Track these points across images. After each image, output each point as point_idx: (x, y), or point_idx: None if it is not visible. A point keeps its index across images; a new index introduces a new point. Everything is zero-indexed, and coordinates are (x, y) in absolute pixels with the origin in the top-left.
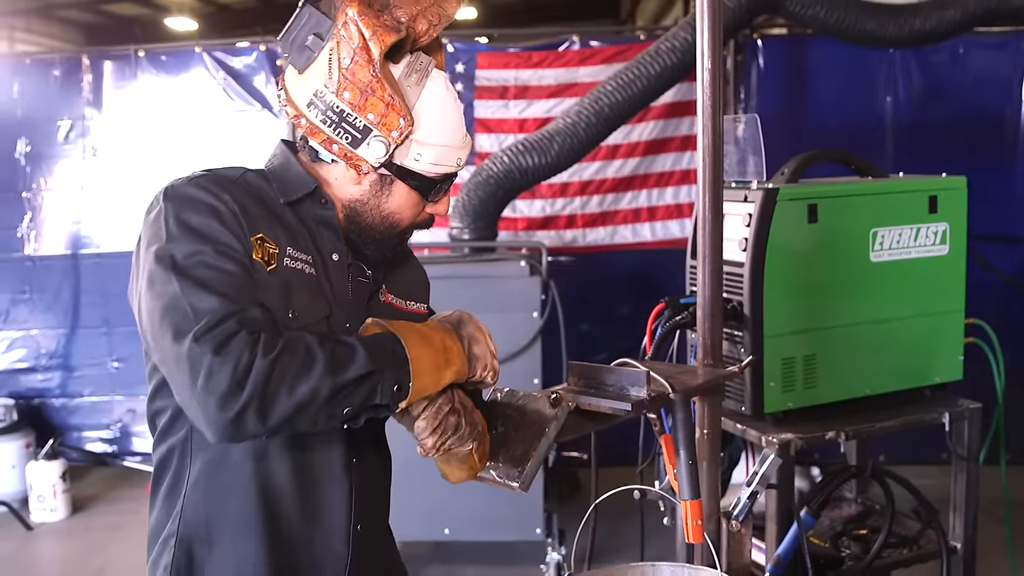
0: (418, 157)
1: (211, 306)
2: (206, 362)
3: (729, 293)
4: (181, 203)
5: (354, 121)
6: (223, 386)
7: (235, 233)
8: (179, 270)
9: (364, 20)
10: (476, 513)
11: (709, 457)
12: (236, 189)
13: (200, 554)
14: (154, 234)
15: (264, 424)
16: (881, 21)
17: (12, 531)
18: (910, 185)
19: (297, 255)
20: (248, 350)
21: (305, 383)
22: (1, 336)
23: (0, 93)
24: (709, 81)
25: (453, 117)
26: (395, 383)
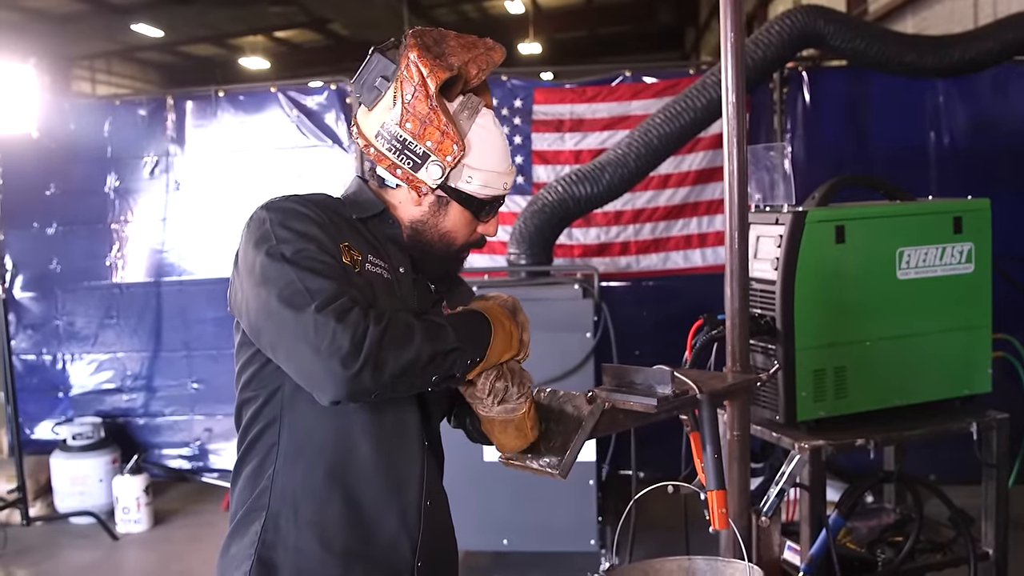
0: (469, 180)
1: (325, 286)
2: (330, 329)
3: (763, 309)
4: (283, 213)
5: (415, 148)
6: (346, 348)
7: (331, 238)
8: (291, 262)
9: (423, 61)
10: (533, 525)
11: (740, 457)
12: (322, 206)
13: (286, 523)
14: (261, 238)
15: (377, 381)
16: (920, 53)
17: (99, 541)
18: (935, 207)
19: (376, 261)
20: (363, 320)
21: (409, 349)
22: (90, 358)
23: (92, 132)
24: (733, 113)
25: (500, 147)
26: (470, 359)
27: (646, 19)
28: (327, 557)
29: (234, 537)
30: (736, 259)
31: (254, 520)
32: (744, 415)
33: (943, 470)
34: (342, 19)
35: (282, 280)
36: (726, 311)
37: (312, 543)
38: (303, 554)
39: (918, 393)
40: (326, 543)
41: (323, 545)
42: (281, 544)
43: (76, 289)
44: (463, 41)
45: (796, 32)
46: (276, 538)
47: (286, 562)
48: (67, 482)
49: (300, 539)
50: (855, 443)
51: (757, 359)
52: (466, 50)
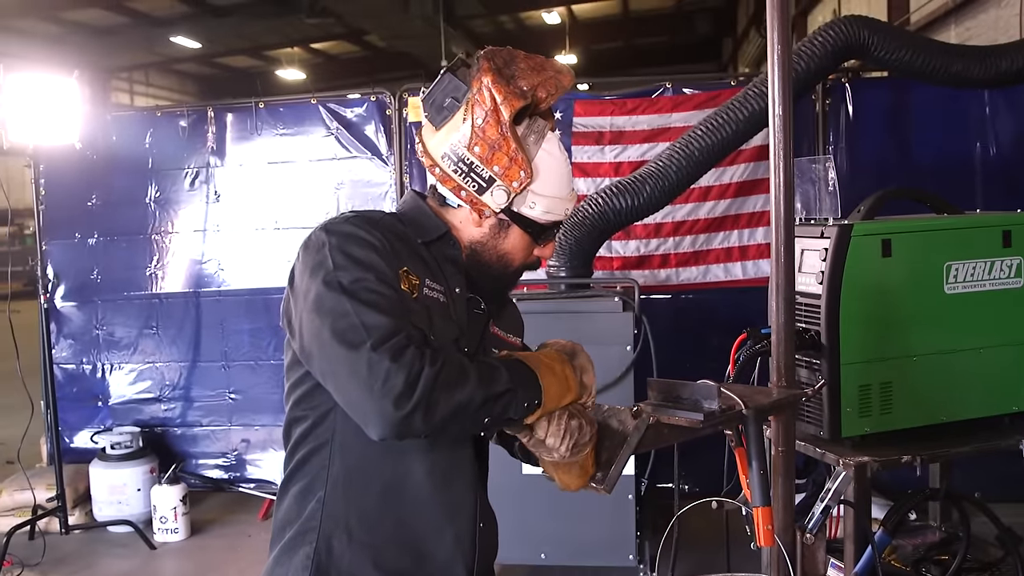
0: (532, 205)
1: (381, 322)
2: (384, 368)
3: (807, 323)
4: (343, 237)
5: (481, 172)
6: (399, 388)
7: (390, 264)
8: (348, 292)
9: (497, 87)
10: (572, 538)
11: (784, 472)
12: (383, 228)
13: (340, 545)
14: (319, 263)
15: (428, 423)
16: (967, 63)
17: (137, 549)
18: (983, 220)
19: (434, 286)
20: (418, 360)
21: (462, 391)
22: (129, 368)
23: (134, 144)
24: (780, 126)
25: (564, 172)
26: (526, 401)
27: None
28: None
29: (283, 557)
30: (781, 273)
31: (306, 542)
32: (789, 431)
33: (990, 488)
34: (379, 31)
35: (338, 311)
36: (771, 325)
37: (366, 566)
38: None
39: (965, 409)
40: (380, 566)
41: (377, 567)
42: (335, 567)
43: (116, 299)
44: (532, 63)
45: (840, 43)
46: (329, 561)
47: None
48: (105, 491)
49: (354, 562)
50: (901, 460)
51: (801, 374)
52: (535, 73)
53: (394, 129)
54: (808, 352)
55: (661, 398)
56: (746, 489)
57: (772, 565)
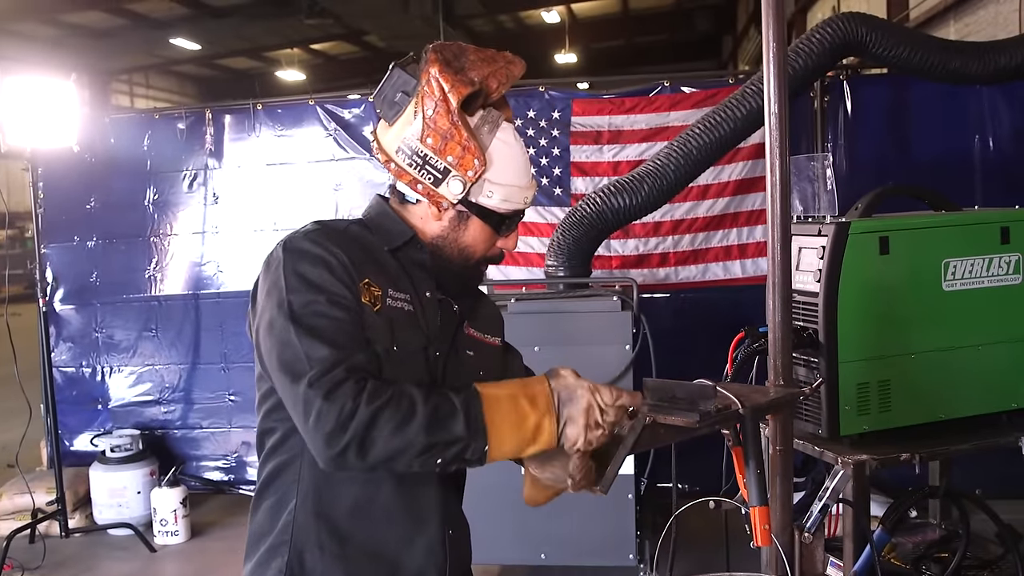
0: (490, 195)
1: (323, 354)
2: (316, 405)
3: (805, 321)
4: (298, 256)
5: (435, 163)
6: (328, 427)
7: (344, 282)
8: (296, 319)
9: (444, 76)
10: (571, 538)
11: (782, 471)
12: (344, 240)
13: (312, 559)
14: (273, 283)
15: (363, 462)
16: (965, 59)
17: (137, 552)
18: (982, 217)
19: (397, 295)
20: (352, 398)
21: (401, 436)
22: (128, 371)
23: (132, 146)
24: (776, 124)
25: (520, 161)
26: (485, 449)
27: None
28: None
29: (256, 570)
30: (779, 271)
31: (278, 555)
32: (787, 430)
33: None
34: (378, 31)
35: (284, 339)
36: (768, 324)
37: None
38: None
39: (964, 407)
40: None
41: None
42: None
43: (115, 302)
44: (483, 55)
45: (838, 40)
46: (302, 574)
47: None
48: (105, 494)
49: (327, 574)
50: (900, 458)
51: (799, 372)
52: (486, 64)
53: None
54: (806, 350)
55: (657, 398)
56: (743, 489)
57: (770, 564)
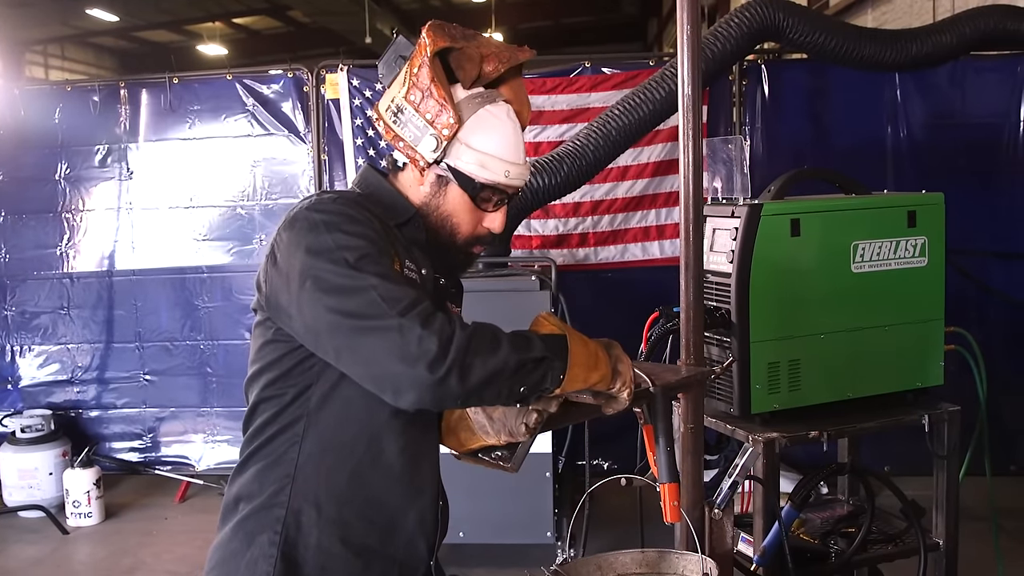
0: (467, 159)
1: (401, 292)
2: (416, 334)
3: (718, 301)
4: (337, 216)
5: (414, 119)
6: (433, 352)
7: (384, 242)
8: (358, 267)
9: (430, 33)
10: (490, 517)
11: (693, 450)
12: (366, 209)
13: (308, 521)
14: (316, 242)
15: (464, 387)
16: (879, 46)
17: (49, 535)
18: (889, 201)
19: (410, 265)
20: (448, 324)
21: (495, 357)
22: (40, 350)
23: (42, 119)
24: (689, 106)
25: (508, 136)
26: (561, 371)
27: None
28: (348, 555)
29: (242, 531)
30: (691, 252)
31: (272, 516)
32: (698, 408)
33: (898, 462)
34: (302, 6)
35: (352, 287)
36: (681, 304)
37: (334, 541)
38: (325, 552)
39: (872, 386)
40: (348, 541)
41: (344, 543)
42: (303, 542)
43: (26, 279)
44: (492, 42)
45: (755, 25)
46: (298, 536)
47: (308, 559)
48: (15, 475)
49: (322, 537)
50: (808, 435)
51: (712, 351)
52: (487, 46)
53: (312, 106)
54: (719, 330)
55: None
56: (653, 466)
57: (681, 540)
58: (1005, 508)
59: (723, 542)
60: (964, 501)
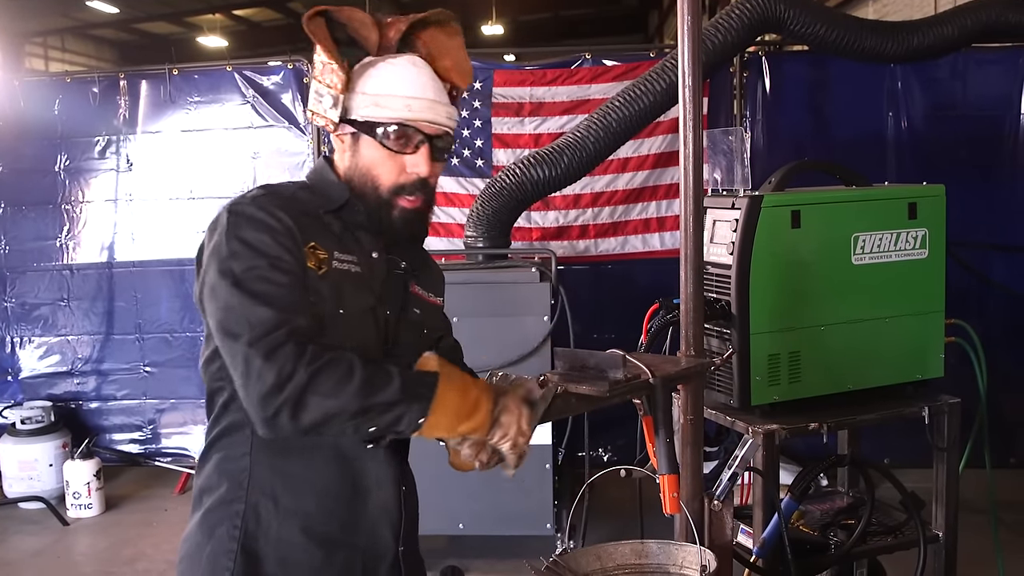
0: (365, 106)
1: (264, 316)
2: (256, 365)
3: (718, 293)
4: (242, 221)
5: (320, 89)
6: (265, 387)
7: (287, 247)
8: (238, 283)
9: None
10: (490, 508)
11: (693, 441)
12: (290, 204)
13: (267, 513)
14: (216, 247)
15: (296, 424)
16: (880, 38)
17: (49, 526)
18: (890, 193)
19: (343, 257)
20: (292, 360)
21: (335, 398)
22: (40, 342)
23: (42, 110)
24: (690, 97)
25: (403, 75)
26: (420, 416)
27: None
28: (310, 545)
29: (206, 523)
30: (691, 243)
31: (231, 510)
32: (697, 399)
33: (898, 454)
34: None
35: (226, 302)
36: (681, 296)
37: (294, 532)
38: (286, 543)
39: (872, 378)
40: (308, 531)
41: (305, 533)
42: (263, 534)
43: (25, 271)
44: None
45: (756, 17)
46: (258, 528)
47: (269, 551)
48: (16, 467)
49: (282, 529)
50: (808, 427)
51: (712, 343)
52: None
53: None
54: (719, 322)
55: (568, 368)
56: (653, 458)
57: (680, 532)
58: (1005, 500)
59: (722, 533)
60: (964, 493)
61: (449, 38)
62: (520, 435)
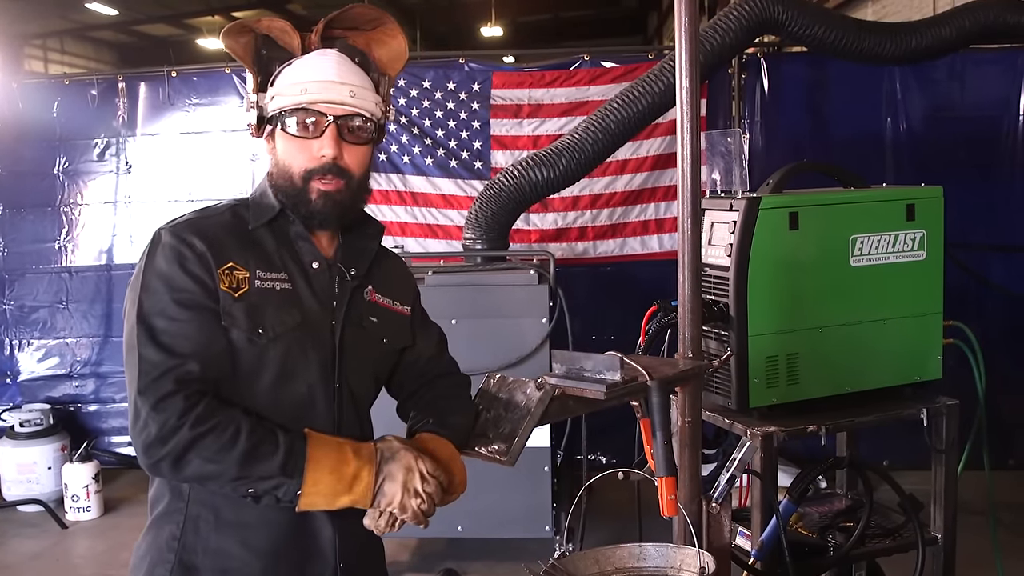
0: (270, 100)
1: (155, 360)
2: (143, 414)
3: (716, 295)
4: (157, 251)
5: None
6: (150, 439)
7: (195, 274)
8: (141, 319)
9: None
10: (488, 511)
11: (691, 443)
12: (211, 226)
13: (206, 526)
14: (135, 277)
15: (177, 476)
16: (878, 40)
17: (48, 529)
18: (887, 194)
19: (267, 276)
20: (178, 416)
21: (215, 463)
22: (38, 344)
23: (41, 112)
24: (687, 99)
25: (304, 65)
26: (296, 490)
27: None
28: (248, 557)
29: (149, 535)
30: (688, 245)
31: (172, 522)
32: (695, 401)
33: (897, 456)
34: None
35: (129, 339)
36: (679, 298)
37: (233, 544)
38: (224, 556)
39: (870, 380)
40: (246, 543)
41: (244, 546)
42: (201, 546)
43: (24, 273)
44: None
45: (754, 18)
46: (196, 540)
47: (207, 563)
48: (14, 470)
49: (221, 541)
50: (806, 429)
51: (710, 345)
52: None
53: None
54: (717, 324)
55: (565, 370)
56: (651, 460)
57: (679, 534)
58: (1003, 502)
59: (721, 536)
60: (962, 495)
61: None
62: (410, 496)
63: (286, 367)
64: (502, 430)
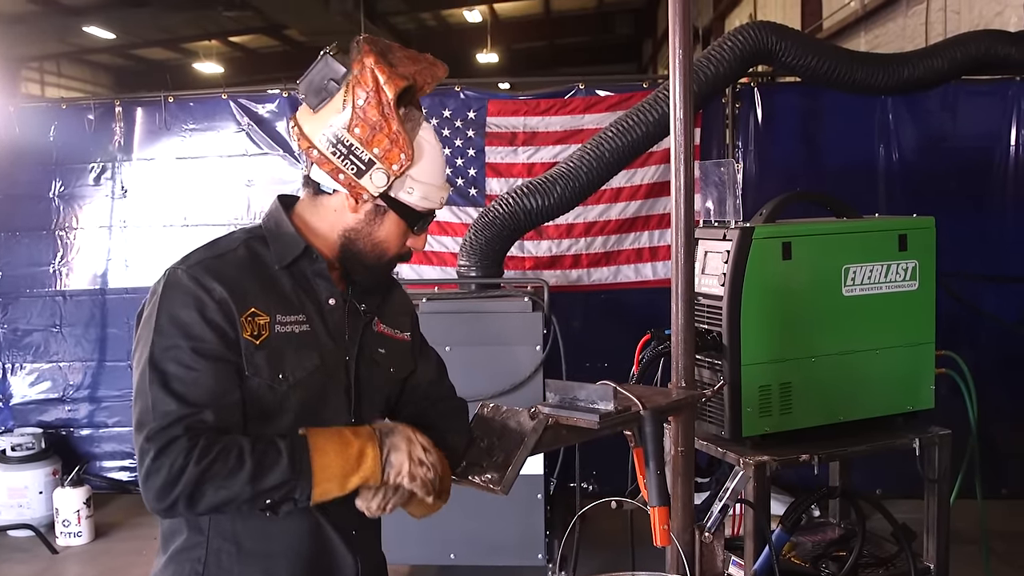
0: (410, 191)
1: (167, 409)
2: (148, 460)
3: (709, 324)
4: (173, 294)
5: (361, 154)
6: (159, 483)
7: (216, 323)
8: (154, 365)
9: (380, 68)
10: (481, 538)
11: (684, 473)
12: (230, 268)
13: (228, 559)
14: (147, 319)
15: (193, 511)
16: (871, 70)
17: (38, 554)
18: (880, 225)
19: (286, 319)
20: (183, 456)
21: (227, 489)
22: (31, 368)
23: (37, 136)
24: (681, 130)
25: (440, 161)
26: (309, 487)
27: (605, 31)
28: None
29: (170, 568)
30: (682, 275)
31: (192, 557)
32: (688, 431)
33: (889, 485)
34: (298, 25)
35: (140, 384)
36: (672, 328)
37: (257, 574)
38: None
39: (862, 409)
40: (270, 573)
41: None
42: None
43: (18, 297)
44: (408, 54)
45: (748, 48)
46: (219, 573)
47: None
48: (5, 494)
49: (245, 572)
50: (799, 458)
51: (704, 374)
52: (412, 62)
53: None
54: (710, 353)
55: (559, 399)
56: (644, 489)
57: (671, 564)
58: (996, 531)
59: (713, 565)
60: (955, 524)
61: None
62: (416, 465)
63: (306, 410)
64: (495, 459)
